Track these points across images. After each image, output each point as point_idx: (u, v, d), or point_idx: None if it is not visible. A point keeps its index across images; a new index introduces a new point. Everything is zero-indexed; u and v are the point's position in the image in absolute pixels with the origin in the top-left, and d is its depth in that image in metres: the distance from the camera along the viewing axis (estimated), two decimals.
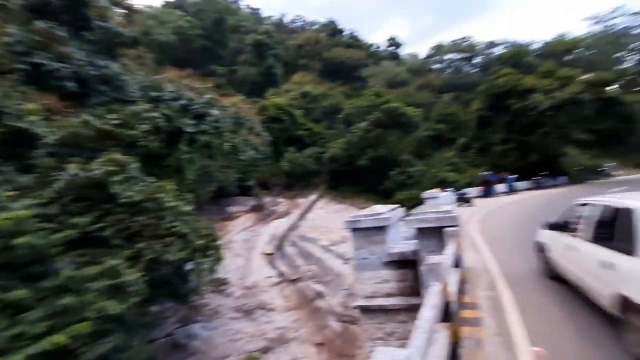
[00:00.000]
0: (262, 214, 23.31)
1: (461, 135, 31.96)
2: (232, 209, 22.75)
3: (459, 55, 48.99)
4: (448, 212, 5.27)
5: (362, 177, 30.14)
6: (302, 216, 22.64)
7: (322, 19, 69.19)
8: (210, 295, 11.79)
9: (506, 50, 44.21)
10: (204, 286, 9.97)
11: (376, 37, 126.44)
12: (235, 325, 11.25)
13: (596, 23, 48.86)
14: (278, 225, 20.91)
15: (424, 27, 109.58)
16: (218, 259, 9.69)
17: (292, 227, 20.49)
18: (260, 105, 33.12)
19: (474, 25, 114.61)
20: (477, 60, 50.01)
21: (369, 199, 29.18)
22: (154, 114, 11.33)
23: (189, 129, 12.61)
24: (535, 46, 45.55)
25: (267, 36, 50.16)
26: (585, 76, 26.65)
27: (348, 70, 52.10)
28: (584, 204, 4.43)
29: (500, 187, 23.31)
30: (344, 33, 61.68)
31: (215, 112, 14.49)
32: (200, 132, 13.14)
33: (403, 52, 63.88)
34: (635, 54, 46.62)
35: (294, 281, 14.89)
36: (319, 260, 15.75)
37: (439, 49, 50.14)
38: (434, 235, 5.41)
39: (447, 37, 63.70)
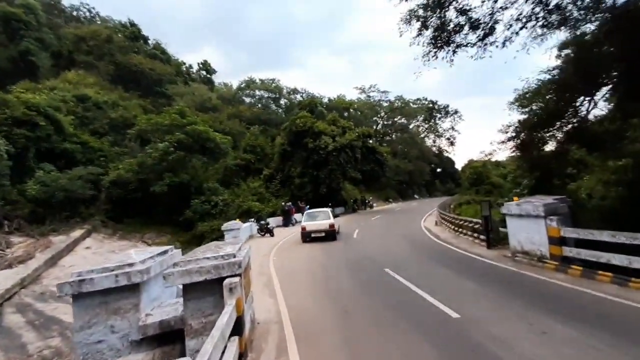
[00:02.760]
0: None
1: (267, 167, 33.26)
2: None
3: (267, 94, 52.93)
4: (229, 255, 3.80)
5: (157, 206, 25.38)
6: (53, 262, 15.84)
7: (122, 18, 58.64)
8: None
9: (304, 98, 51.63)
10: None
11: (188, 58, 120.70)
12: None
13: (361, 93, 66.08)
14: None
15: (238, 63, 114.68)
16: None
17: (30, 281, 13.73)
18: None
19: (281, 74, 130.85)
20: (283, 101, 55.77)
21: (164, 232, 24.72)
22: None
23: None
24: (324, 100, 55.76)
25: (26, 12, 36.90)
26: (357, 129, 34.12)
27: (150, 84, 45.48)
28: None
29: (298, 217, 25.14)
30: (148, 42, 54.40)
31: None
32: None
33: (216, 80, 63.15)
34: (383, 119, 65.67)
35: None
36: (70, 328, 10.75)
37: (250, 83, 52.42)
38: (210, 290, 3.77)
39: (259, 75, 69.06)
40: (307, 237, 13.39)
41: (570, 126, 12.70)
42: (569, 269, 6.08)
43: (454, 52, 9.41)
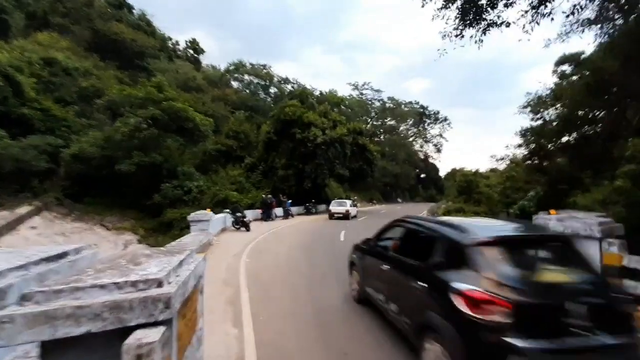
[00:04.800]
0: None
1: (250, 155, 31.15)
2: None
3: (257, 80, 50.44)
4: (150, 283, 2.01)
5: (123, 187, 22.89)
6: None
7: None
8: None
9: (295, 89, 49.54)
10: None
11: (177, 35, 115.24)
12: None
13: (354, 89, 64.67)
14: None
15: (229, 50, 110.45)
16: None
17: None
18: None
19: (273, 65, 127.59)
20: (273, 90, 53.38)
21: (128, 217, 22.28)
22: None
23: None
24: (316, 93, 53.81)
25: None
26: (348, 124, 32.51)
27: (130, 56, 42.15)
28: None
29: (278, 211, 23.30)
30: (133, 11, 50.67)
31: None
32: None
33: (204, 61, 59.79)
34: (373, 118, 64.59)
35: None
36: None
37: (240, 66, 49.75)
38: (99, 355, 1.98)
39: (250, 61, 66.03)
40: (332, 216, 20.31)
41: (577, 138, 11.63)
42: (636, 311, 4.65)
43: (485, 31, 7.84)
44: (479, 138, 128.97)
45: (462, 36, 7.97)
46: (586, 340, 2.35)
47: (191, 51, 56.73)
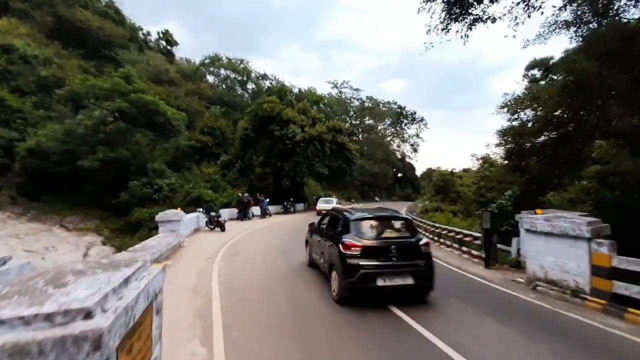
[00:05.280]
0: None
1: (225, 152, 30.04)
2: None
3: (234, 75, 48.97)
4: (72, 314, 1.47)
5: (86, 184, 21.31)
6: None
7: None
8: None
9: (274, 85, 48.55)
10: None
11: (149, 26, 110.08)
12: None
13: (333, 87, 64.50)
14: None
15: (204, 44, 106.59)
16: None
17: None
18: None
19: (250, 59, 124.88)
20: (250, 86, 52.06)
21: (92, 216, 20.76)
22: None
23: None
24: (294, 90, 53.04)
25: None
26: (327, 122, 32.14)
27: (97, 45, 39.62)
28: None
29: (255, 210, 22.56)
30: None
31: None
32: None
33: (177, 54, 57.30)
34: (352, 117, 64.76)
35: None
36: None
37: (216, 60, 48.01)
38: None
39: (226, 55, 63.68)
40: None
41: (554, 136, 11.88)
42: (627, 312, 4.52)
43: (471, 26, 7.66)
44: (453, 139, 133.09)
45: (448, 30, 7.76)
46: (397, 261, 5.00)
47: (164, 42, 54.22)
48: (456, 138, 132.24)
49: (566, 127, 9.91)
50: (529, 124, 11.93)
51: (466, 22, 7.62)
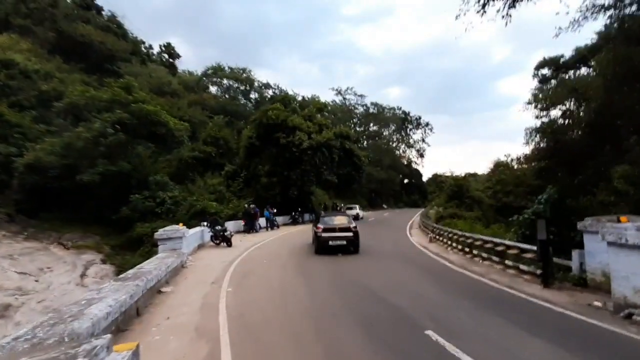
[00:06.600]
0: None
1: (230, 162, 29.10)
2: None
3: (237, 84, 48.46)
4: None
5: (87, 200, 20.39)
6: None
7: None
8: None
9: (277, 94, 47.89)
10: None
11: (151, 40, 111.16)
12: None
13: (337, 94, 63.90)
14: None
15: (206, 57, 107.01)
16: None
17: None
18: None
19: (254, 69, 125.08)
20: (253, 95, 51.47)
21: (92, 233, 19.75)
22: None
23: None
24: (298, 98, 52.36)
25: None
26: (334, 128, 31.19)
27: (99, 59, 39.41)
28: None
29: (262, 222, 21.43)
30: (102, 12, 47.89)
31: None
32: None
33: (180, 67, 57.03)
34: (357, 124, 63.91)
35: None
36: None
37: (218, 70, 47.58)
38: None
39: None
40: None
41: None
42: None
43: (515, 2, 6.59)
44: (457, 143, 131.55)
45: (485, 11, 6.73)
46: (339, 234, 11.98)
47: (166, 55, 54.12)
48: (460, 142, 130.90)
49: (614, 120, 8.72)
50: (566, 121, 10.76)
51: (508, 1, 6.59)
